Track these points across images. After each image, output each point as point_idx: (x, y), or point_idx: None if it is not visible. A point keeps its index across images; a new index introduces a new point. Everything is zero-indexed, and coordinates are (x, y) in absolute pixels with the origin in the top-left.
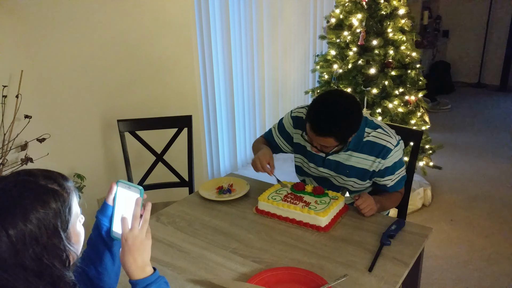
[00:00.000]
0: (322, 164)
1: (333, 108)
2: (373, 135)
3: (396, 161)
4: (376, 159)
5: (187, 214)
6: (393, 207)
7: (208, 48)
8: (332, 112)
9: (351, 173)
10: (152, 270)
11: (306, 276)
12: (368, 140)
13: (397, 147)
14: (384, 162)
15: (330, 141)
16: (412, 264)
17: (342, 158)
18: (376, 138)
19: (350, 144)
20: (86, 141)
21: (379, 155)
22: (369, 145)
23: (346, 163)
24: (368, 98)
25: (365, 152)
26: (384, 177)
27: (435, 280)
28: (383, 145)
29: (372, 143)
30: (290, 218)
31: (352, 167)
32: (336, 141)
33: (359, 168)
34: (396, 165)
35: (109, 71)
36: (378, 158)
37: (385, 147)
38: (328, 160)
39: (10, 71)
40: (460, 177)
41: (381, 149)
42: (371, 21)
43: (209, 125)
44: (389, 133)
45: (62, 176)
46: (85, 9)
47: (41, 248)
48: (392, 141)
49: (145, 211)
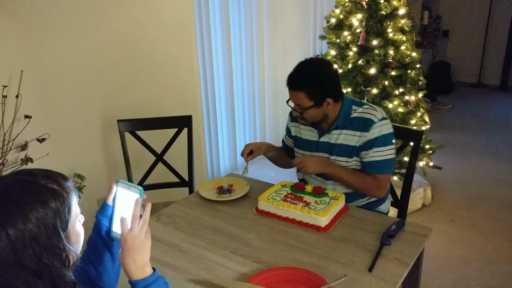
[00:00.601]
0: (317, 149)
1: (306, 66)
2: (359, 111)
3: (378, 136)
4: (362, 133)
5: (187, 214)
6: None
7: (208, 48)
8: (304, 68)
9: (341, 152)
10: (152, 270)
11: (306, 276)
12: (355, 116)
13: (381, 121)
14: (367, 134)
15: (300, 96)
16: (412, 264)
17: (333, 138)
18: (361, 113)
19: (339, 121)
20: (86, 141)
21: (363, 129)
22: (356, 121)
23: (337, 142)
24: (368, 98)
25: (352, 128)
26: (363, 151)
27: (435, 280)
28: (367, 118)
29: (358, 118)
30: (290, 218)
31: (341, 145)
32: (307, 96)
33: (347, 145)
34: (378, 139)
35: (109, 71)
36: (363, 132)
37: (368, 120)
38: (321, 142)
39: (10, 71)
40: (460, 177)
41: (365, 122)
42: (371, 21)
43: (209, 125)
44: (375, 108)
45: (62, 176)
46: (85, 9)
47: (40, 247)
48: (377, 115)
49: (145, 212)
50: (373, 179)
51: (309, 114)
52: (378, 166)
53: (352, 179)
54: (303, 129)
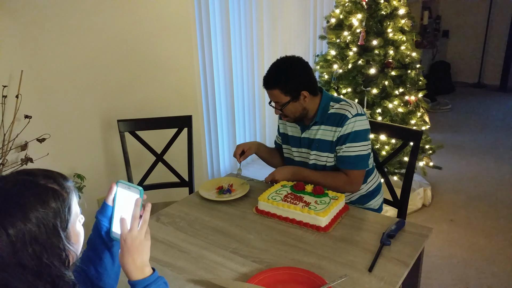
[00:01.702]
0: (300, 144)
1: (277, 64)
2: (336, 107)
3: (350, 131)
4: (336, 129)
5: (187, 214)
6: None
7: (208, 48)
8: (276, 66)
9: (320, 147)
10: (151, 270)
11: (306, 276)
12: (332, 112)
13: (356, 117)
14: (340, 129)
15: (276, 93)
16: (412, 264)
17: (312, 134)
18: (337, 109)
19: (317, 117)
20: (86, 141)
21: (338, 124)
22: (332, 116)
23: (315, 137)
24: (368, 98)
25: (329, 124)
26: (341, 146)
27: (435, 280)
28: (342, 113)
29: (335, 114)
30: (290, 218)
31: (319, 140)
32: (282, 92)
33: (324, 140)
34: (350, 135)
35: (109, 71)
36: (338, 127)
37: (343, 115)
38: (303, 138)
39: (10, 71)
40: (460, 177)
41: (340, 117)
42: (371, 21)
43: (209, 125)
44: (351, 104)
45: (62, 176)
46: (85, 9)
47: (40, 247)
48: (351, 111)
49: (145, 212)
50: (345, 176)
51: (288, 110)
52: (351, 162)
53: (325, 181)
54: (289, 126)
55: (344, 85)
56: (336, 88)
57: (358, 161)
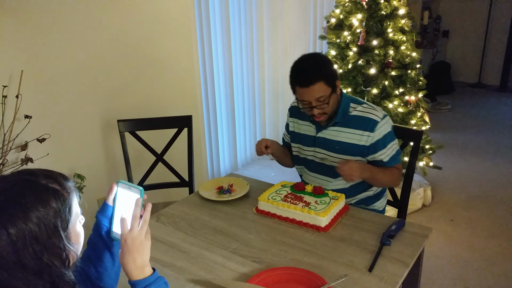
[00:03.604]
0: (314, 144)
1: (310, 59)
2: (359, 109)
3: (385, 133)
4: (364, 133)
5: (187, 214)
6: (390, 184)
7: (208, 48)
8: (310, 60)
9: (341, 149)
10: (152, 270)
11: (306, 276)
12: (355, 115)
13: (384, 120)
14: (373, 135)
15: (321, 87)
16: (412, 264)
17: (331, 135)
18: (362, 112)
19: (337, 117)
20: (86, 141)
21: (367, 128)
22: (356, 119)
23: (336, 139)
24: (368, 98)
25: (353, 126)
26: (377, 151)
27: (435, 280)
28: (370, 118)
29: (358, 117)
30: (290, 218)
31: (342, 143)
32: (326, 83)
33: (349, 144)
34: (387, 137)
35: (109, 71)
36: (366, 131)
37: (371, 120)
38: (318, 138)
39: (10, 71)
40: (460, 177)
41: (368, 122)
42: (371, 21)
43: (209, 125)
44: (374, 107)
45: (63, 176)
46: (85, 9)
47: (41, 247)
48: (378, 114)
49: (145, 212)
50: (397, 170)
51: (332, 102)
52: (396, 158)
53: (385, 178)
54: (302, 124)
55: (344, 85)
56: None
57: (397, 155)
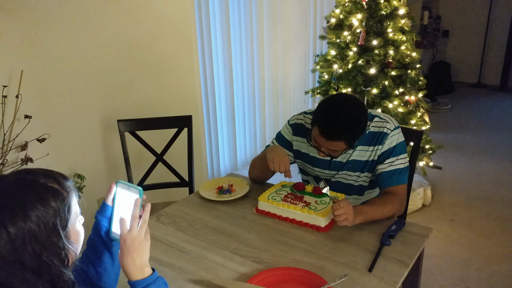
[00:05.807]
0: (329, 167)
1: (341, 112)
2: (372, 125)
3: (394, 145)
4: (374, 148)
5: (187, 214)
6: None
7: (208, 48)
8: (341, 116)
9: (352, 167)
10: (151, 271)
11: (306, 276)
12: (369, 131)
13: (395, 131)
14: (381, 147)
15: (339, 145)
16: (412, 264)
17: (345, 157)
18: (374, 128)
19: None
20: (86, 141)
21: (377, 143)
22: (368, 136)
23: (350, 159)
24: (368, 98)
25: (365, 143)
26: (383, 162)
27: (435, 280)
28: (380, 131)
29: (371, 133)
30: (290, 218)
31: (354, 161)
32: (346, 144)
33: (358, 161)
34: (396, 148)
35: (109, 71)
36: (376, 145)
37: (381, 133)
38: (335, 162)
39: (10, 71)
40: (460, 177)
41: (379, 135)
42: (371, 21)
43: (209, 125)
44: (386, 119)
45: (62, 175)
46: (85, 9)
47: (40, 245)
48: (388, 126)
49: (144, 212)
50: (394, 195)
51: (338, 153)
52: (398, 177)
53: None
54: (310, 147)
55: (344, 85)
56: (336, 88)
57: (402, 174)
